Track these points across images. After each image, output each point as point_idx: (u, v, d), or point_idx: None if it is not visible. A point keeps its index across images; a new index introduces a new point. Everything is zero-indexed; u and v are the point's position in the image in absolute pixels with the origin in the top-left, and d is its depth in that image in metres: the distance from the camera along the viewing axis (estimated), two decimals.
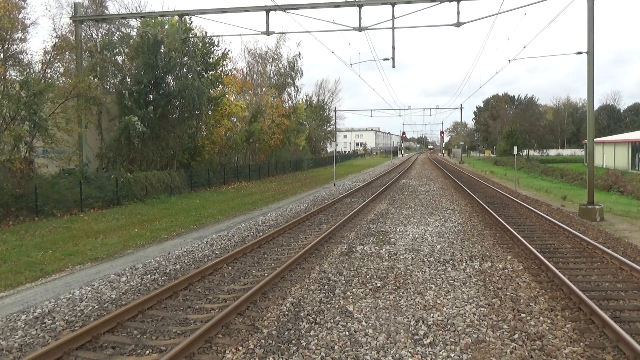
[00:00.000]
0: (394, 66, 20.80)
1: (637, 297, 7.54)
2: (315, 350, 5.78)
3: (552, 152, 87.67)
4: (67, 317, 7.01)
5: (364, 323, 6.60)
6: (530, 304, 7.29)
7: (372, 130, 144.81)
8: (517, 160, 36.48)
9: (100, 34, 25.04)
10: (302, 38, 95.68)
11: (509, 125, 71.19)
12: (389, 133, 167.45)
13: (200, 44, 27.46)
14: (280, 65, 45.93)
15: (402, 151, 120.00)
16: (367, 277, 8.80)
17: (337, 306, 7.28)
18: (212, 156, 31.11)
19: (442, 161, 72.07)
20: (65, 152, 19.59)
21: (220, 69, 29.84)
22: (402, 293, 7.86)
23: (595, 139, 18.24)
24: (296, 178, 37.34)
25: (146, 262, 10.21)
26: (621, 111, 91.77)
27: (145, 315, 7.00)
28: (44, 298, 7.95)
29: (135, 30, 25.88)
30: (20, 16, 18.05)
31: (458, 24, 18.17)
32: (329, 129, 70.52)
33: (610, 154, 46.56)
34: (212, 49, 28.36)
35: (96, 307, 7.47)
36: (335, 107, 67.58)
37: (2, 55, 17.70)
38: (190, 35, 26.18)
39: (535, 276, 8.75)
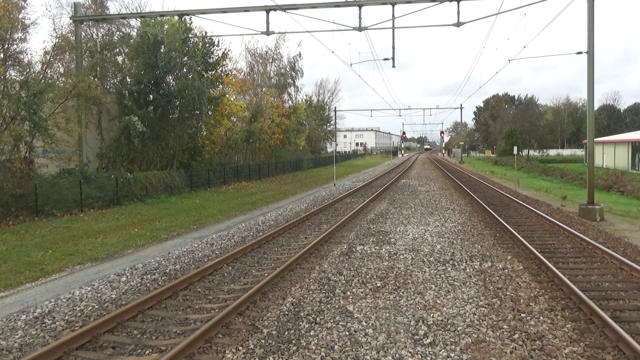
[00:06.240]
0: (394, 66, 20.81)
1: (637, 297, 7.54)
2: (315, 350, 5.78)
3: (552, 152, 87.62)
4: (67, 317, 7.01)
5: (364, 323, 6.60)
6: (530, 304, 7.29)
7: (372, 130, 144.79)
8: (517, 160, 36.49)
9: (100, 34, 25.05)
10: (302, 38, 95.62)
11: (509, 125, 71.18)
12: (389, 133, 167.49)
13: (200, 44, 27.43)
14: (280, 65, 45.91)
15: (402, 151, 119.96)
16: (367, 277, 8.80)
17: (337, 306, 7.28)
18: (212, 156, 31.10)
19: (442, 161, 72.07)
20: (65, 152, 19.59)
21: (220, 69, 29.82)
22: (402, 293, 7.86)
23: (595, 139, 18.24)
24: (296, 178, 37.34)
25: (146, 262, 10.21)
26: (621, 111, 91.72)
27: (145, 315, 7.00)
28: (44, 298, 7.95)
29: (135, 30, 25.86)
30: (20, 16, 18.06)
31: (458, 24, 18.17)
32: (329, 129, 70.52)
33: (610, 154, 46.55)
34: (212, 49, 28.33)
35: (96, 307, 7.47)
36: (335, 107, 67.61)
37: (2, 55, 17.70)
38: (190, 35, 26.16)
39: (535, 276, 8.74)
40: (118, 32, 25.70)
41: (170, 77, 25.28)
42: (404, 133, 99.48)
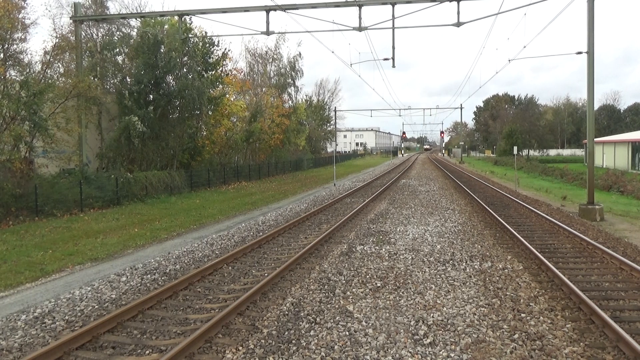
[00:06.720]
0: (394, 66, 20.83)
1: (637, 297, 7.54)
2: (315, 350, 5.78)
3: (552, 152, 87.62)
4: (67, 317, 7.01)
5: (364, 323, 6.60)
6: (530, 304, 7.29)
7: (372, 130, 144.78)
8: (517, 160, 36.49)
9: (100, 34, 25.06)
10: (302, 38, 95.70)
11: (509, 125, 71.17)
12: (389, 133, 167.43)
13: (200, 44, 27.44)
14: (280, 65, 45.94)
15: (402, 151, 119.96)
16: (367, 277, 8.80)
17: (337, 306, 7.28)
18: (212, 156, 31.10)
19: (442, 161, 72.06)
20: (65, 152, 19.59)
21: (221, 69, 29.82)
22: (402, 293, 7.86)
23: (595, 139, 18.24)
24: (296, 178, 37.34)
25: (146, 262, 10.21)
26: (621, 111, 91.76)
27: (145, 315, 7.00)
28: (44, 298, 7.95)
29: (136, 30, 25.89)
30: (20, 16, 18.07)
31: (458, 24, 18.18)
32: (329, 129, 70.53)
33: (610, 154, 46.55)
34: (212, 49, 28.33)
35: (96, 307, 7.47)
36: (335, 107, 67.64)
37: (2, 55, 17.70)
38: (190, 35, 26.17)
39: (535, 276, 8.75)
40: (118, 32, 25.72)
41: (170, 77, 25.29)
42: (404, 133, 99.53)
